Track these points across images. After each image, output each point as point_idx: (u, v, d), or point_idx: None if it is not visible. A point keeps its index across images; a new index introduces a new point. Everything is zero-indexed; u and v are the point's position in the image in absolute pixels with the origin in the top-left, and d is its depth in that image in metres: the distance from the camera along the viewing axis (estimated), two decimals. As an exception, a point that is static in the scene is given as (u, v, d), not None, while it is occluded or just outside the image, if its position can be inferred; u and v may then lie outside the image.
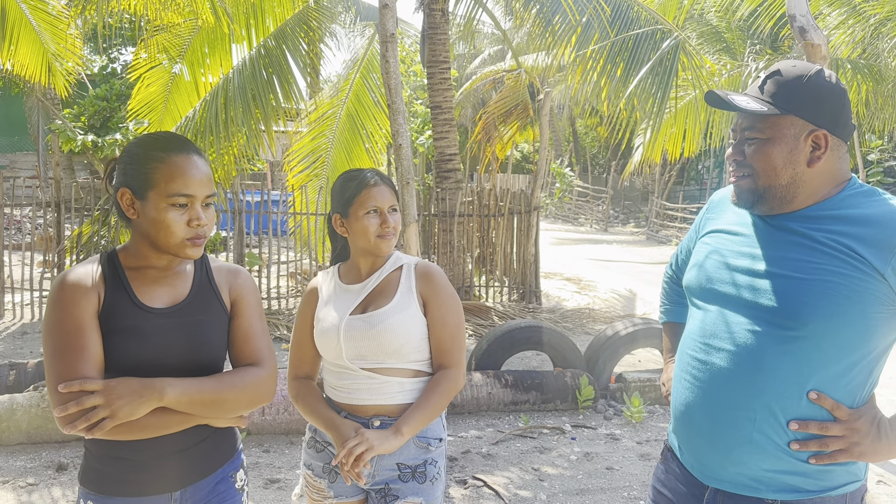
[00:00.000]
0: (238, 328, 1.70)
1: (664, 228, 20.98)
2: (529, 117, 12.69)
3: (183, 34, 8.41)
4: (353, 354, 1.95)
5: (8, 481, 3.94)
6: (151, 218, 1.57)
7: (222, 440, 1.73)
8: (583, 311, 9.08)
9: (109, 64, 18.89)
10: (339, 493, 2.01)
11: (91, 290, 1.57)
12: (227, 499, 1.74)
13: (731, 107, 1.50)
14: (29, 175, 17.96)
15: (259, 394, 1.66)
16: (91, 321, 1.54)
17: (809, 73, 1.48)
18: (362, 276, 2.06)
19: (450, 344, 1.99)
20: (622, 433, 4.93)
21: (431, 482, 1.98)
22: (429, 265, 2.06)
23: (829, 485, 1.47)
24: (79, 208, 8.20)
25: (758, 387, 1.45)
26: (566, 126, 29.30)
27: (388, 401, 1.95)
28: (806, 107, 1.46)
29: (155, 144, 1.60)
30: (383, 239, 2.00)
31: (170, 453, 1.61)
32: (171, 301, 1.64)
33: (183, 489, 1.66)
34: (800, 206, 1.51)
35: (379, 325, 1.93)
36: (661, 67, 7.13)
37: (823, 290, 1.40)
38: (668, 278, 2.02)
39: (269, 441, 4.61)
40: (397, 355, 1.94)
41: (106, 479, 1.61)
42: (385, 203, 2.01)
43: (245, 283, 1.76)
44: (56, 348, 1.51)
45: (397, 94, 4.78)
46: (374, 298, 2.00)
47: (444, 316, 1.99)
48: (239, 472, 1.79)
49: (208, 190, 1.62)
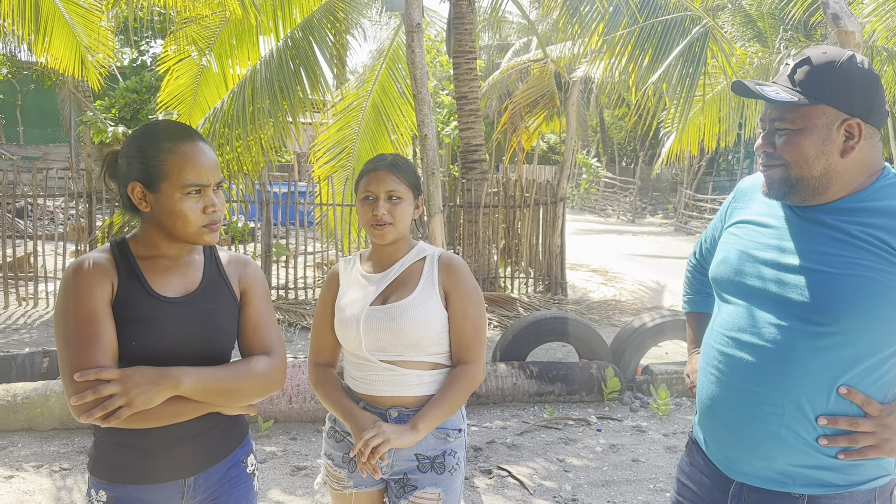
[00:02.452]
0: (248, 318, 1.72)
1: (693, 220, 20.72)
2: (556, 107, 12.61)
3: (211, 26, 8.47)
4: (373, 346, 1.93)
5: (42, 466, 4.04)
6: (167, 209, 1.58)
7: (233, 426, 1.75)
8: (609, 302, 9.01)
9: (139, 56, 19.12)
10: (359, 482, 2.01)
11: (104, 278, 1.57)
12: (238, 483, 1.76)
13: (760, 97, 1.45)
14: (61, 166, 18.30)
15: (270, 383, 1.67)
16: (105, 309, 1.55)
17: (841, 59, 1.43)
18: (383, 265, 2.02)
19: (470, 338, 1.95)
20: (648, 425, 4.90)
21: (450, 473, 1.97)
22: (452, 257, 2.01)
23: (857, 479, 1.45)
24: (110, 199, 8.33)
25: (786, 382, 1.43)
26: (593, 116, 29.03)
27: (407, 393, 1.93)
28: (838, 95, 1.41)
29: (160, 135, 1.59)
30: (373, 227, 1.94)
31: (182, 440, 1.62)
32: (184, 290, 1.65)
33: (196, 475, 1.67)
34: (832, 197, 1.46)
35: (399, 317, 1.90)
36: (689, 54, 7.02)
37: (856, 285, 1.37)
38: (691, 267, 1.99)
39: (295, 429, 4.66)
40: (417, 348, 1.91)
41: (118, 467, 1.62)
42: (381, 189, 1.93)
43: (254, 274, 1.77)
44: (70, 337, 1.51)
45: (423, 84, 4.77)
46: (395, 289, 1.97)
47: (465, 309, 1.95)
48: (249, 457, 1.81)
49: (218, 176, 1.63)
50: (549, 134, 27.20)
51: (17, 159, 19.94)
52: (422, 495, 1.94)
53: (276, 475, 4.01)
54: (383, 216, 1.92)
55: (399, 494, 1.96)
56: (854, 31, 4.56)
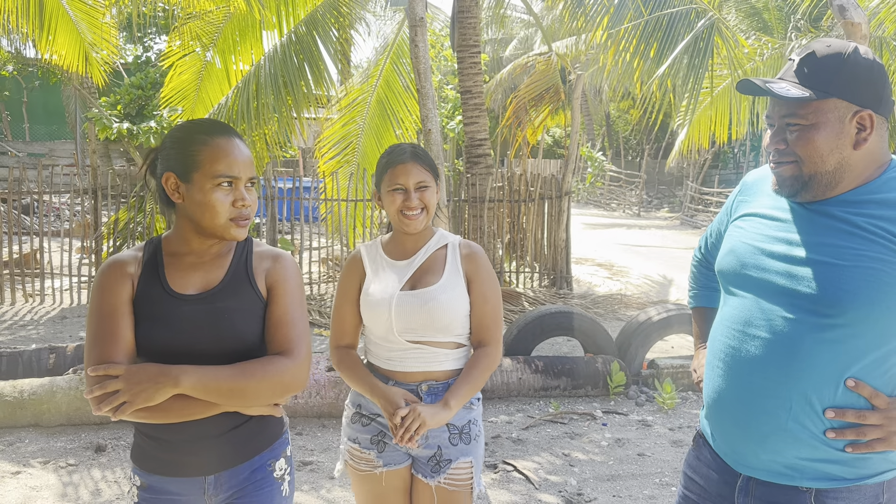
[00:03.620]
0: (271, 314, 1.68)
1: (699, 213, 20.64)
2: (561, 101, 12.56)
3: (215, 21, 8.46)
4: (403, 328, 2.02)
5: (49, 461, 4.05)
6: (197, 200, 1.60)
7: (262, 429, 1.72)
8: (614, 296, 9.00)
9: (144, 53, 19.13)
10: (388, 461, 2.08)
11: (126, 276, 1.63)
12: (263, 487, 1.73)
13: (769, 94, 1.44)
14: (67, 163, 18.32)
15: (283, 383, 1.62)
16: (124, 307, 1.59)
17: (847, 50, 1.42)
18: (407, 251, 2.11)
19: (490, 321, 2.08)
20: (654, 419, 4.89)
21: (475, 440, 2.10)
22: (472, 244, 2.13)
23: (865, 473, 1.44)
24: (115, 195, 8.35)
25: (794, 375, 1.42)
26: (598, 110, 28.94)
27: (437, 367, 2.05)
28: (848, 87, 1.40)
29: (198, 128, 1.65)
30: (406, 217, 2.03)
31: (202, 437, 1.63)
32: (203, 287, 1.66)
33: (217, 474, 1.67)
34: (842, 190, 1.46)
35: (431, 301, 2.00)
36: (695, 48, 6.98)
37: (864, 276, 1.37)
38: (696, 262, 1.97)
39: (301, 424, 4.67)
40: (445, 331, 2.03)
41: (147, 456, 1.68)
42: (411, 181, 2.02)
43: (284, 269, 1.72)
44: (92, 332, 1.58)
45: (427, 78, 4.76)
46: (423, 275, 2.07)
47: (485, 294, 2.07)
48: (279, 461, 1.77)
49: (251, 172, 1.65)
50: (555, 128, 27.13)
51: (22, 156, 20.00)
52: (457, 468, 2.05)
53: (291, 478, 4.01)
54: (427, 204, 2.04)
55: (435, 470, 2.05)
56: (860, 23, 4.53)
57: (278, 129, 7.61)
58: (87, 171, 8.60)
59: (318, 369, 4.70)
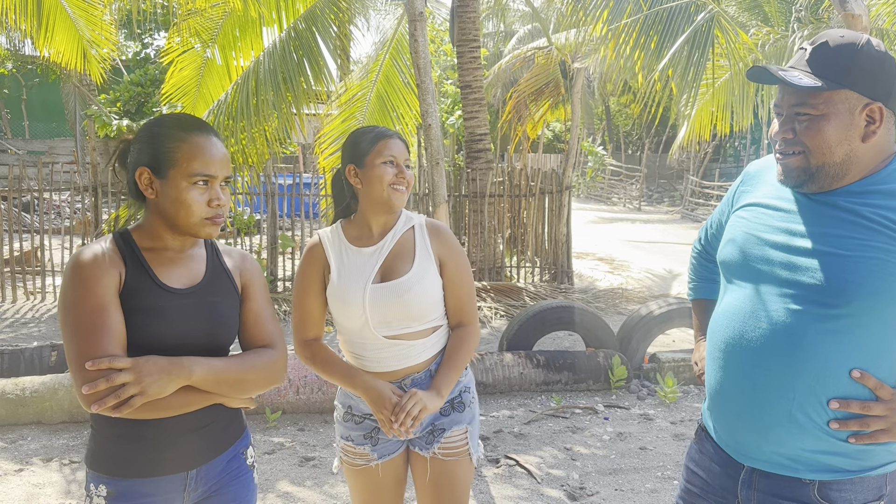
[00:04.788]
0: (250, 311, 1.73)
1: (700, 207, 20.63)
2: (561, 95, 12.53)
3: (214, 17, 8.44)
4: (379, 322, 1.97)
5: (52, 459, 4.06)
6: (172, 197, 1.58)
7: (233, 418, 1.75)
8: (615, 291, 9.00)
9: (143, 49, 19.11)
10: (383, 453, 2.08)
11: (112, 268, 1.57)
12: (239, 475, 1.76)
13: (782, 82, 1.42)
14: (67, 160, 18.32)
15: (273, 375, 1.70)
16: (113, 299, 1.54)
17: (861, 41, 1.40)
18: (374, 237, 2.04)
19: (466, 301, 2.08)
20: (656, 413, 4.89)
21: (469, 407, 2.12)
22: (436, 222, 2.10)
23: (868, 464, 1.44)
24: (115, 192, 8.34)
25: (797, 366, 1.42)
26: (598, 104, 28.89)
27: (415, 361, 2.02)
28: (860, 79, 1.39)
29: (175, 124, 1.62)
30: (396, 190, 2.00)
31: (185, 432, 1.62)
32: (189, 282, 1.65)
33: (198, 468, 1.67)
34: (848, 181, 1.45)
35: (407, 292, 1.95)
36: (695, 41, 6.96)
37: (869, 267, 1.36)
38: (696, 253, 1.96)
39: (303, 420, 4.67)
40: (422, 318, 2.00)
41: (119, 460, 1.60)
42: (401, 156, 2.02)
43: (254, 268, 1.79)
44: (79, 327, 1.50)
45: (426, 73, 4.75)
46: (393, 263, 2.00)
47: (460, 275, 2.07)
48: (249, 449, 1.82)
49: (227, 171, 1.64)
50: (555, 122, 27.09)
51: (22, 154, 19.99)
52: (450, 436, 2.05)
53: (284, 466, 4.02)
54: (410, 181, 2.02)
55: (429, 442, 2.05)
56: (861, 15, 4.52)
57: (278, 124, 7.60)
58: (88, 168, 8.59)
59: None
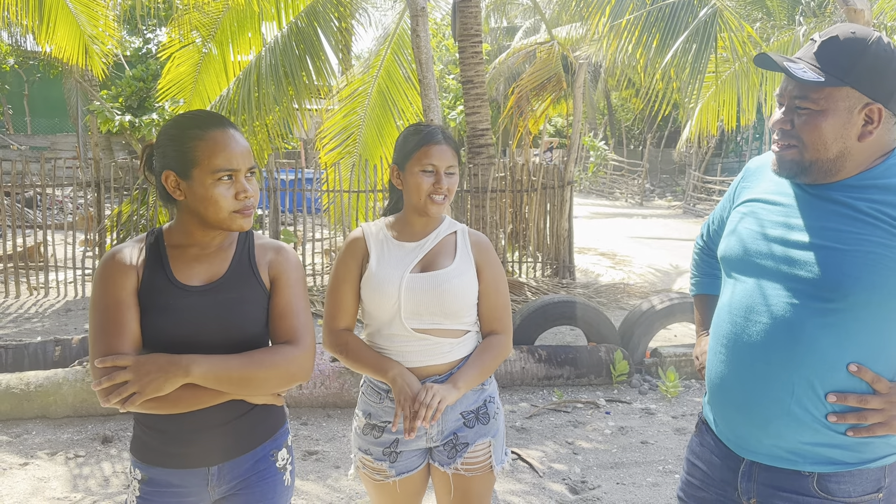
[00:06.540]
0: (276, 305, 1.70)
1: (702, 202, 20.61)
2: (563, 90, 12.53)
3: (213, 13, 8.44)
4: (411, 312, 1.93)
5: (56, 453, 4.08)
6: (199, 195, 1.59)
7: (264, 418, 1.73)
8: (617, 286, 9.00)
9: (145, 45, 19.09)
10: (402, 470, 2.02)
11: (130, 268, 1.61)
12: (266, 477, 1.75)
13: (784, 72, 1.42)
14: (69, 156, 18.34)
15: (291, 372, 1.64)
16: (129, 298, 1.58)
17: (871, 39, 1.39)
18: (417, 234, 2.03)
19: (502, 311, 2.05)
20: (657, 407, 4.90)
21: (494, 418, 2.06)
22: (479, 234, 2.09)
23: (867, 457, 1.45)
24: (118, 188, 8.35)
25: (796, 360, 1.43)
26: (600, 99, 28.83)
27: (440, 360, 1.96)
28: (864, 78, 1.38)
29: (191, 123, 1.62)
30: (433, 200, 1.96)
31: (207, 428, 1.64)
32: (208, 279, 1.66)
33: (220, 464, 1.68)
34: (844, 176, 1.45)
35: (444, 284, 1.94)
36: (698, 37, 6.95)
37: (865, 261, 1.37)
38: (698, 249, 1.97)
39: (306, 414, 4.69)
40: (454, 316, 1.96)
41: (148, 449, 1.67)
42: (443, 163, 1.96)
43: (286, 260, 1.74)
44: (96, 324, 1.57)
45: (428, 68, 4.75)
46: (434, 258, 2.00)
47: (497, 284, 2.04)
48: (281, 451, 1.79)
49: (249, 162, 1.64)
50: (556, 117, 27.06)
51: (25, 149, 20.00)
52: (474, 451, 2.00)
53: (292, 467, 4.03)
54: (450, 189, 1.97)
55: (451, 456, 1.99)
56: (863, 10, 4.51)
57: (280, 119, 7.61)
58: (90, 163, 8.59)
59: (323, 359, 4.72)
